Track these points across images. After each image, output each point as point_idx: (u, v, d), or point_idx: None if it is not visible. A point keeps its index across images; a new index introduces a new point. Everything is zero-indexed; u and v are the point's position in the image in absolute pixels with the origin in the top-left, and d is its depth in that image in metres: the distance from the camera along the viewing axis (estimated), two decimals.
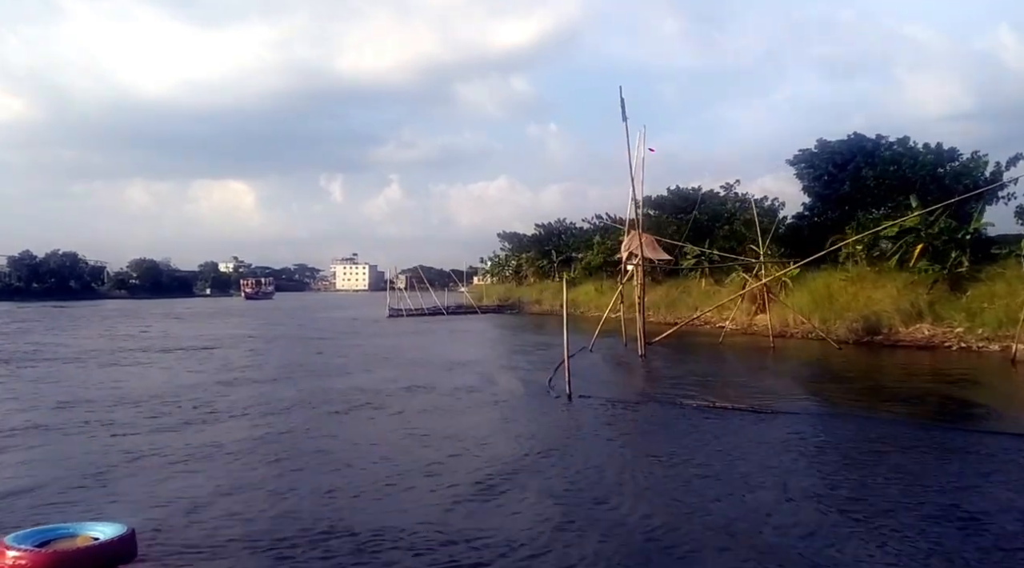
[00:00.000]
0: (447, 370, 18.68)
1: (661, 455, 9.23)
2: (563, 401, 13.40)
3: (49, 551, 3.89)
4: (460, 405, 13.11)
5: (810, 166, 41.10)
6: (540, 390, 14.97)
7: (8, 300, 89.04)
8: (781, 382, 16.86)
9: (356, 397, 13.74)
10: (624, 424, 11.47)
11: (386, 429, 10.93)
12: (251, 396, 13.89)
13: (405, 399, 13.56)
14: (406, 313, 50.03)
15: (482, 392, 14.66)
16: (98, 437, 10.33)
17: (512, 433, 10.59)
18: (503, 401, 13.62)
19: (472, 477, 8.01)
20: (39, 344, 26.13)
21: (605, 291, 50.77)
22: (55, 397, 13.76)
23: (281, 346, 26.16)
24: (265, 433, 10.47)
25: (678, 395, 14.08)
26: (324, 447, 9.71)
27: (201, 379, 16.19)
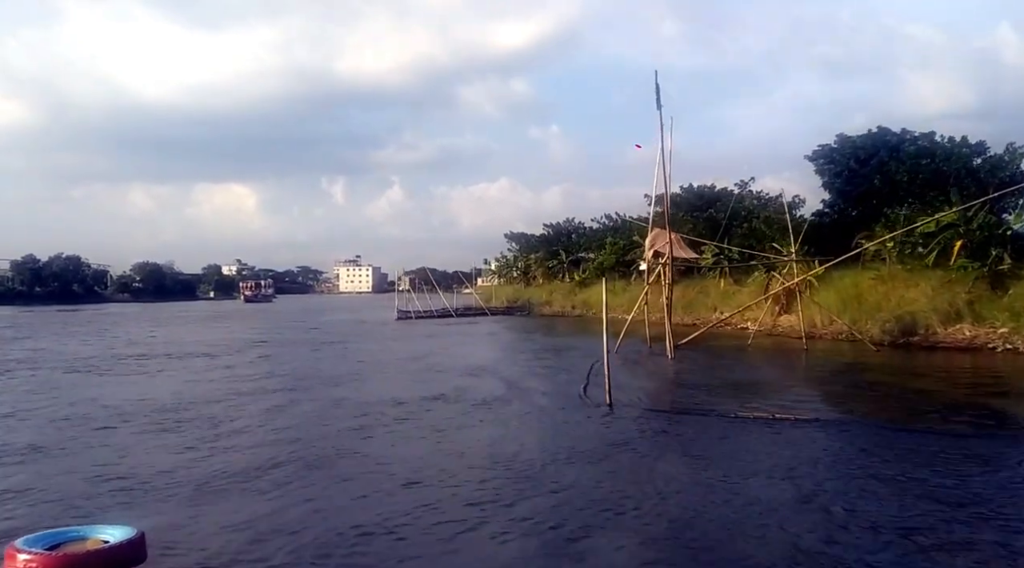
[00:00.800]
0: (470, 377, 17.57)
1: (731, 476, 8.13)
2: (602, 411, 12.30)
3: (59, 554, 3.87)
4: (495, 418, 11.97)
5: (830, 161, 39.96)
6: (574, 399, 13.87)
7: (11, 304, 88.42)
8: (825, 388, 15.75)
9: (378, 409, 12.64)
10: (677, 440, 10.32)
11: (420, 449, 9.76)
12: (262, 410, 12.80)
13: (434, 412, 12.42)
14: (415, 315, 48.98)
15: (515, 403, 13.53)
16: (94, 457, 9.26)
17: (562, 452, 9.43)
18: (540, 413, 12.47)
19: (539, 517, 6.78)
20: (35, 350, 25.10)
21: (618, 291, 49.66)
22: (49, 411, 12.70)
23: (290, 352, 25.07)
24: (281, 454, 9.37)
25: (722, 404, 12.98)
26: (349, 471, 8.62)
27: (207, 390, 15.10)
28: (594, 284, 52.77)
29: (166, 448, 9.76)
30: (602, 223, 61.02)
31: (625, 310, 47.82)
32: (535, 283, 65.95)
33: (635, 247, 46.38)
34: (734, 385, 16.08)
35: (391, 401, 13.41)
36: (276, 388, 15.25)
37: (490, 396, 14.19)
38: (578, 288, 54.16)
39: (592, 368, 18.39)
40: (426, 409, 12.63)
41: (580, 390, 14.66)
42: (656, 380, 17.84)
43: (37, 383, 16.61)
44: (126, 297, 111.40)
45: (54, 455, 9.51)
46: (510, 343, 29.95)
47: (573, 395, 14.32)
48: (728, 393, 14.61)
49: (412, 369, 19.20)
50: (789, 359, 21.49)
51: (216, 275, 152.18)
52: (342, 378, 17.17)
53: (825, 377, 17.47)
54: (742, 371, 18.96)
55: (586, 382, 15.74)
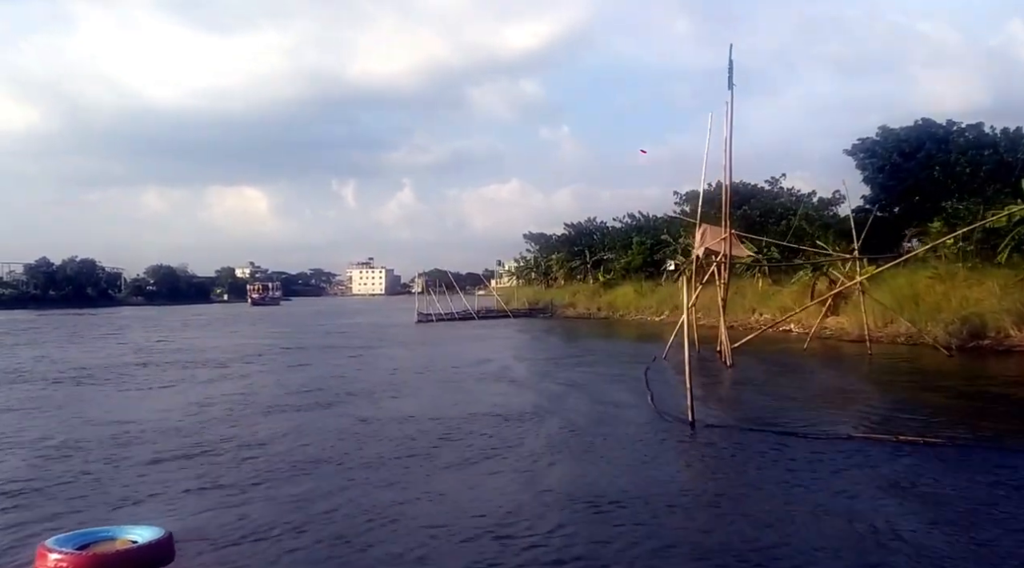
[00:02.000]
0: (515, 387, 15.92)
1: (875, 519, 6.45)
2: (684, 431, 10.62)
3: (89, 554, 3.85)
4: (563, 441, 10.07)
5: (872, 155, 38.11)
6: (645, 415, 12.18)
7: (24, 308, 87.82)
8: (925, 400, 13.97)
9: (427, 429, 10.95)
10: (792, 469, 8.58)
11: (488, 486, 8.00)
12: (287, 431, 11.08)
13: (489, 434, 10.60)
14: (435, 318, 47.46)
15: (579, 420, 11.75)
16: (90, 498, 7.70)
17: (657, 486, 7.72)
18: (613, 433, 10.63)
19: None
20: (36, 359, 23.62)
21: (646, 292, 47.91)
22: (43, 431, 11.17)
23: (310, 359, 23.50)
24: (314, 491, 7.76)
25: (820, 421, 11.27)
26: (415, 513, 7.00)
27: (224, 406, 13.38)
28: (619, 285, 51.07)
29: (166, 494, 7.94)
30: (624, 222, 59.37)
31: (654, 311, 46.19)
32: (556, 284, 64.27)
33: (663, 246, 44.64)
34: (817, 396, 14.34)
35: (434, 419, 11.76)
36: (301, 405, 13.61)
37: (546, 411, 12.53)
38: (602, 289, 52.44)
39: (647, 376, 16.73)
40: (479, 430, 10.93)
41: (649, 404, 12.98)
42: (725, 391, 16.07)
43: (24, 399, 15.02)
44: (140, 300, 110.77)
45: (33, 501, 7.68)
46: (543, 348, 28.30)
47: (641, 410, 12.64)
48: (816, 406, 12.89)
49: (447, 378, 17.56)
50: (856, 365, 19.69)
51: (230, 277, 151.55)
52: (373, 390, 15.55)
53: (913, 386, 15.65)
54: (816, 380, 17.15)
55: (649, 394, 14.06)
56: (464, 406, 13.07)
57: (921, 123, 37.04)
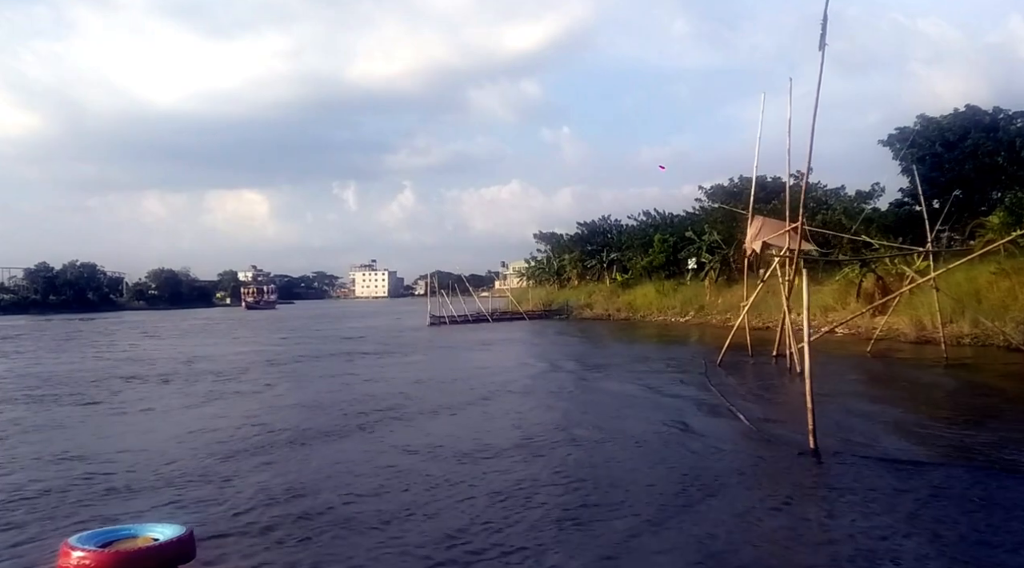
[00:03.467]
0: (570, 404, 13.81)
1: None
2: (807, 462, 8.56)
3: (111, 551, 3.82)
4: (667, 482, 7.94)
5: (911, 145, 36.09)
6: (744, 439, 10.14)
7: (24, 313, 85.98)
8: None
9: (485, 469, 8.85)
10: (964, 519, 6.57)
11: (584, 547, 6.12)
12: (307, 466, 9.07)
13: (574, 474, 8.26)
14: (448, 321, 45.45)
15: (667, 448, 9.75)
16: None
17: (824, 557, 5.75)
18: (722, 469, 8.35)
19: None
20: (11, 371, 21.53)
21: (668, 292, 45.85)
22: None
23: (323, 370, 21.42)
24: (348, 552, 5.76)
25: (974, 447, 9.21)
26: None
27: (230, 430, 11.29)
28: (638, 285, 49.04)
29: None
30: (640, 220, 57.34)
31: (678, 312, 44.12)
32: (569, 284, 62.22)
33: (687, 243, 42.61)
34: (939, 411, 12.18)
35: (483, 450, 9.67)
36: (330, 429, 11.56)
37: (615, 436, 10.44)
38: (620, 289, 50.41)
39: (714, 386, 14.69)
40: (549, 469, 8.81)
41: (744, 423, 10.92)
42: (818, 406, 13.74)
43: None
44: (142, 305, 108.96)
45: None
46: (572, 352, 26.24)
47: (733, 432, 10.59)
48: (952, 425, 10.72)
49: (483, 393, 15.42)
50: (942, 370, 17.57)
51: (232, 281, 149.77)
52: (404, 408, 13.51)
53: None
54: (920, 390, 14.94)
55: (732, 408, 12.04)
56: (516, 429, 11.02)
57: (964, 111, 35.04)
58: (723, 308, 38.66)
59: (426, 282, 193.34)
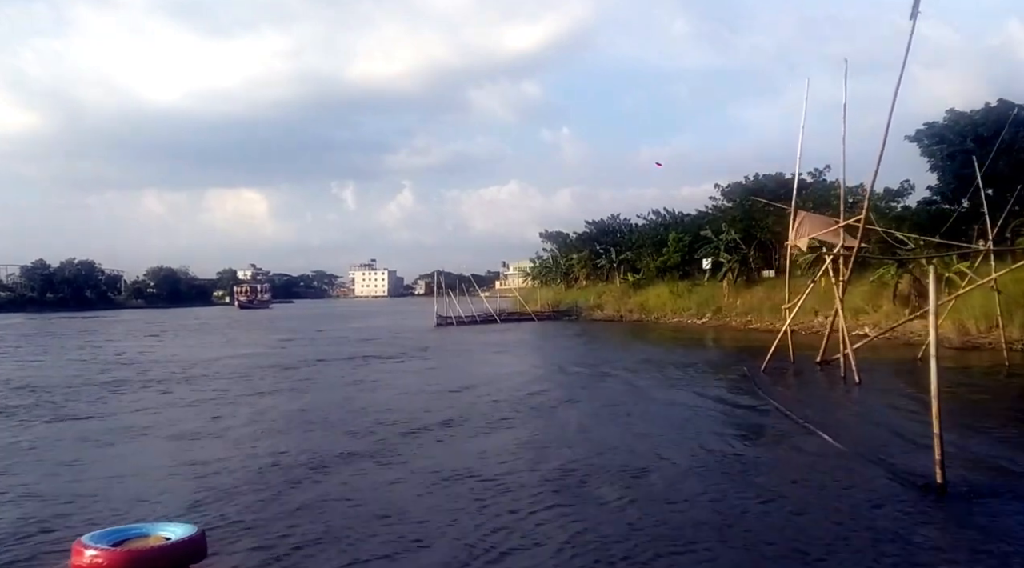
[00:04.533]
0: (617, 419, 12.34)
1: None
2: (930, 503, 7.02)
3: (124, 550, 3.79)
4: (763, 527, 6.55)
5: (940, 142, 34.64)
6: (847, 461, 8.61)
7: (20, 311, 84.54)
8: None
9: (543, 499, 7.40)
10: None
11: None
12: (326, 505, 7.61)
13: (648, 511, 6.95)
14: (456, 322, 43.94)
15: (776, 480, 8.04)
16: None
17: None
18: (851, 510, 6.82)
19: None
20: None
21: (682, 293, 44.35)
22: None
23: (328, 376, 19.88)
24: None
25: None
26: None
27: (224, 461, 9.44)
28: (651, 285, 47.55)
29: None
30: (649, 219, 55.86)
31: (694, 314, 42.60)
32: (577, 285, 60.73)
33: (704, 243, 41.08)
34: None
35: (535, 470, 8.22)
36: (350, 451, 10.06)
37: (691, 460, 8.91)
38: (632, 290, 48.91)
39: (774, 400, 13.13)
40: (617, 510, 7.31)
41: (834, 445, 9.38)
42: (903, 424, 12.01)
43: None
44: (140, 303, 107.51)
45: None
46: (595, 357, 24.71)
47: (818, 454, 9.05)
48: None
49: (513, 406, 13.85)
50: (1007, 380, 16.06)
51: (232, 280, 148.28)
52: (420, 423, 11.99)
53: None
54: (999, 403, 13.40)
55: (804, 423, 10.52)
56: (563, 451, 9.49)
57: (996, 105, 33.56)
58: (742, 310, 37.17)
59: (426, 282, 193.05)
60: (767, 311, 35.12)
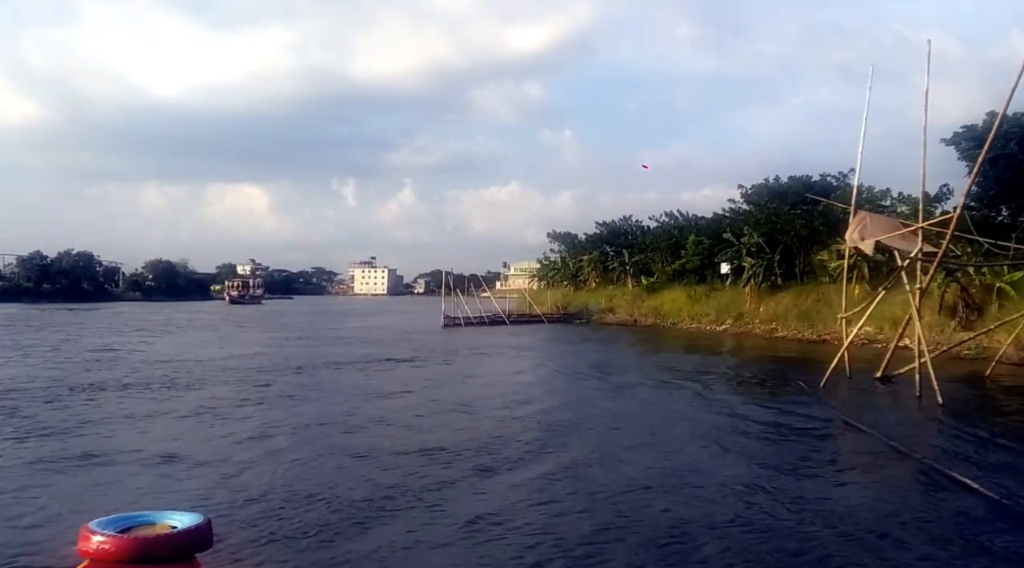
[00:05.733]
0: (675, 444, 10.65)
1: None
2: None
3: (131, 537, 3.70)
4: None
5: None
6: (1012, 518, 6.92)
7: (16, 302, 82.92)
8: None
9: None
10: None
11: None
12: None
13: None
14: (464, 322, 42.24)
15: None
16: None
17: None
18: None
19: None
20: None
21: (699, 297, 42.66)
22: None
23: (339, 383, 18.19)
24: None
25: None
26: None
27: (216, 494, 8.01)
28: (665, 289, 45.86)
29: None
30: (662, 221, 54.13)
31: (713, 320, 40.85)
32: (586, 287, 58.99)
33: (725, 246, 39.37)
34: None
35: (635, 544, 6.49)
36: (352, 502, 8.37)
37: (834, 523, 7.21)
38: (645, 294, 47.20)
39: (867, 427, 11.37)
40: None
41: (985, 494, 7.67)
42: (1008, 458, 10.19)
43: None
44: (138, 296, 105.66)
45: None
46: (623, 364, 23.01)
47: (977, 510, 7.33)
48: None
49: (548, 424, 12.16)
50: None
51: (231, 274, 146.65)
52: (448, 453, 10.27)
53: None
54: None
55: (921, 459, 8.81)
56: (657, 500, 7.77)
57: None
58: (766, 317, 35.47)
59: (426, 281, 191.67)
60: (793, 318, 33.45)
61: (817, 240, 35.40)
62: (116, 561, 3.63)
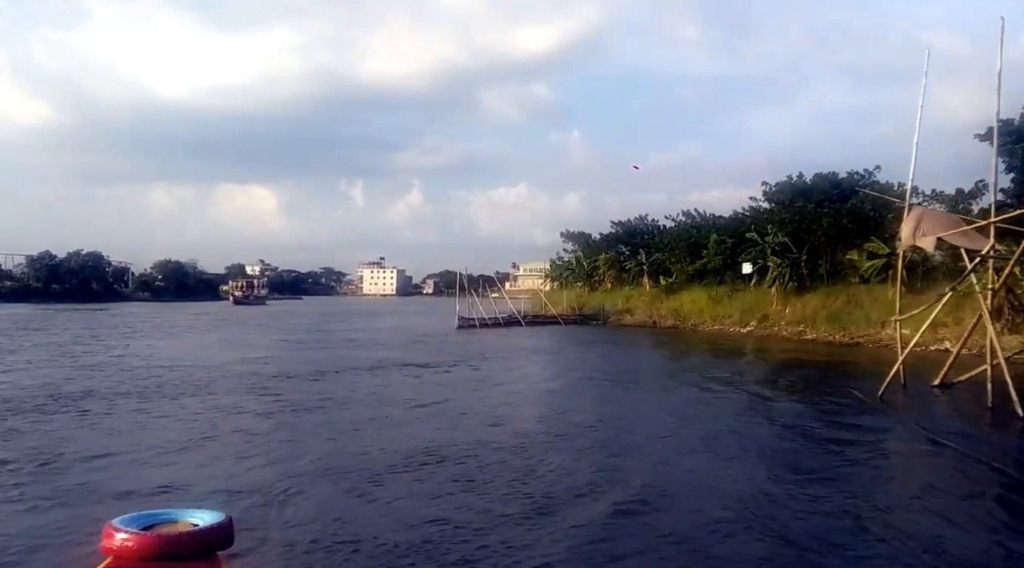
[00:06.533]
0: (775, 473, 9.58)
1: None
2: None
3: (154, 534, 3.68)
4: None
5: (1019, 140, 31.66)
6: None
7: (25, 302, 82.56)
8: None
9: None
10: None
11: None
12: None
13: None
14: (479, 323, 41.23)
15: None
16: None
17: None
18: None
19: None
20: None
21: (721, 298, 41.51)
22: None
23: (359, 390, 17.27)
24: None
25: None
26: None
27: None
28: (684, 290, 44.71)
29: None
30: (679, 221, 52.94)
31: (736, 321, 39.67)
32: (602, 287, 57.87)
33: (749, 245, 38.18)
34: None
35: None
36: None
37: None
38: (664, 294, 46.06)
39: (960, 449, 10.26)
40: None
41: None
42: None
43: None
44: (147, 296, 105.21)
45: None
46: (656, 367, 21.95)
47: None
48: None
49: (613, 450, 11.08)
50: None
51: (240, 275, 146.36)
52: (493, 470, 9.25)
53: None
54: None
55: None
56: (752, 545, 6.71)
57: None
58: (793, 319, 34.28)
59: (435, 281, 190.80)
60: (822, 320, 32.23)
61: (845, 239, 34.19)
62: (139, 558, 3.61)
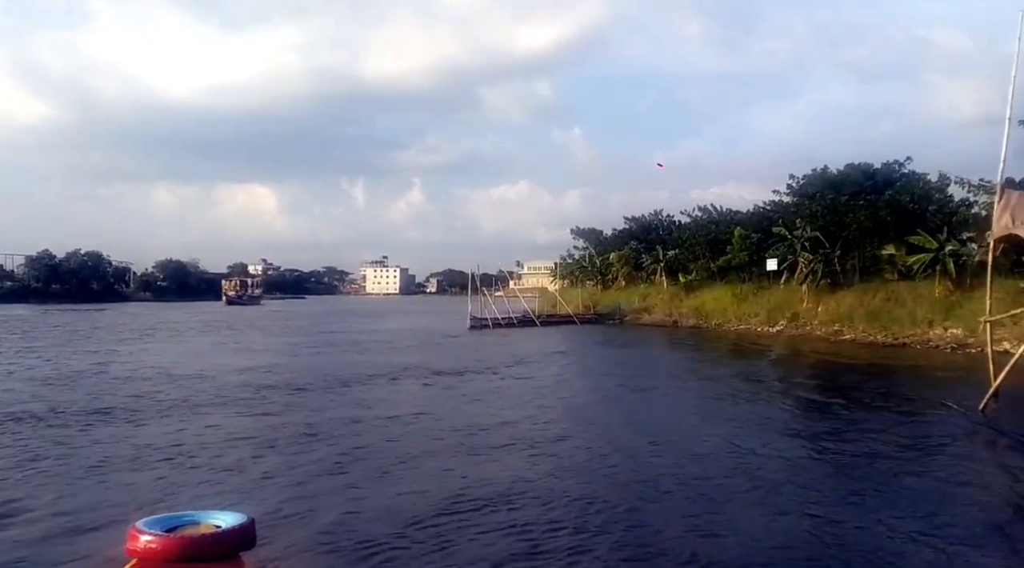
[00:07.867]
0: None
1: None
2: None
3: (177, 536, 3.74)
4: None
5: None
6: None
7: (24, 302, 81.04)
8: None
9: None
10: None
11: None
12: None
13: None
14: (491, 323, 39.43)
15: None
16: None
17: None
18: None
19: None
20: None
21: (746, 296, 39.64)
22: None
23: (368, 403, 15.46)
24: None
25: None
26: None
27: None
28: (705, 288, 42.86)
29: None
30: (695, 217, 51.02)
31: (763, 320, 37.73)
32: (615, 285, 56.00)
33: (777, 240, 36.26)
34: None
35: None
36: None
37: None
38: (683, 292, 44.21)
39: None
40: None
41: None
42: None
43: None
44: (148, 296, 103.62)
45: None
46: (699, 371, 20.12)
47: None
48: None
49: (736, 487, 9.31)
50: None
51: (242, 274, 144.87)
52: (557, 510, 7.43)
53: None
54: None
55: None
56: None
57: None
58: (826, 317, 32.37)
59: (438, 280, 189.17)
60: (860, 319, 30.32)
61: (881, 233, 32.26)
62: (163, 560, 3.61)
